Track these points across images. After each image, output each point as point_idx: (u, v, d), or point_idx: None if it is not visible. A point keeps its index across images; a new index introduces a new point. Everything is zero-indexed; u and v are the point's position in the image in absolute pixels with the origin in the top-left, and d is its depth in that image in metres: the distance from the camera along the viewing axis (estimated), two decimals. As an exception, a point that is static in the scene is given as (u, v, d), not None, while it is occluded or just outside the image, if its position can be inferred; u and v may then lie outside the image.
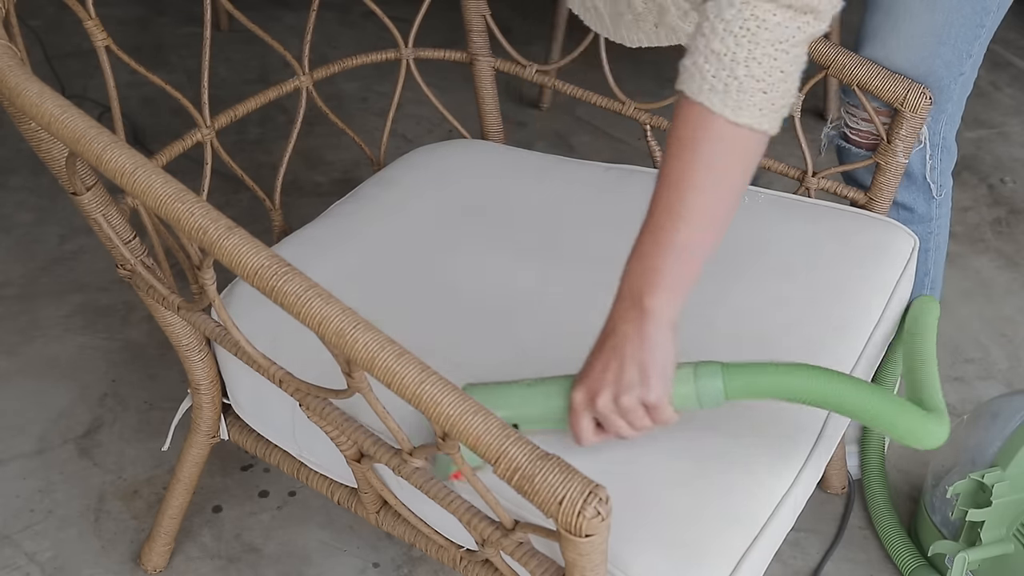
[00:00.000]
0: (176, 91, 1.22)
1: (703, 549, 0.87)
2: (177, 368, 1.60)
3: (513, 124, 2.29)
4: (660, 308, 0.82)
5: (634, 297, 0.83)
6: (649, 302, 0.82)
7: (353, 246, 1.20)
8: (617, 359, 0.83)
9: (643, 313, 0.82)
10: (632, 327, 0.82)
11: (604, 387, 0.83)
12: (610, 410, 0.84)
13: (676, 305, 0.83)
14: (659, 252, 0.82)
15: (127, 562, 1.36)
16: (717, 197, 0.82)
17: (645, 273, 0.83)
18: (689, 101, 0.81)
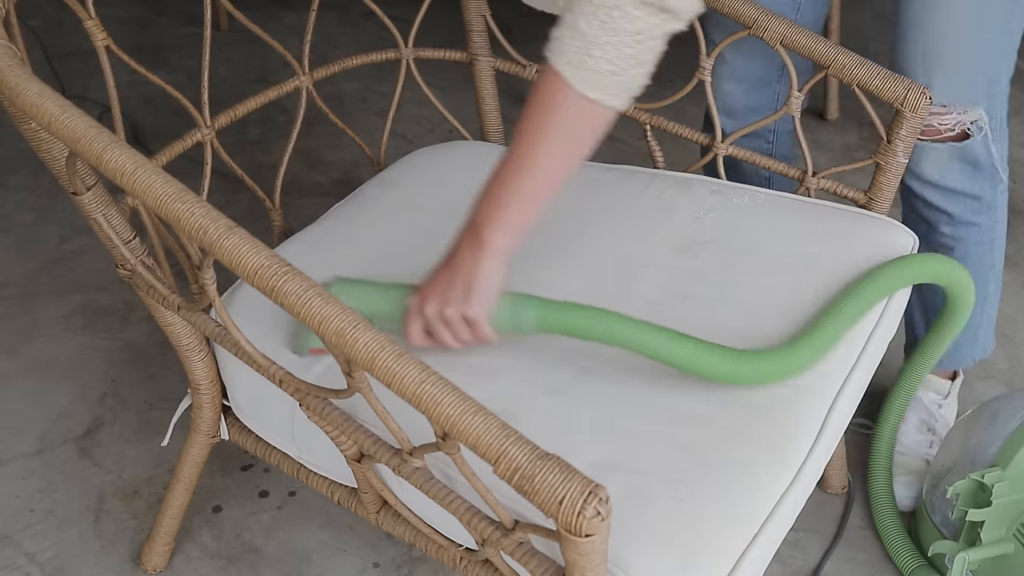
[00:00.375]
0: (176, 91, 1.22)
1: (703, 549, 0.87)
2: (177, 368, 1.60)
3: (513, 124, 2.28)
4: (495, 242, 0.94)
5: (476, 229, 0.95)
6: (487, 236, 0.94)
7: (354, 247, 1.20)
8: (449, 276, 0.96)
9: (480, 243, 0.94)
10: (468, 252, 0.95)
11: (433, 297, 0.96)
12: (435, 318, 0.96)
13: (510, 241, 0.95)
14: (504, 196, 0.95)
15: (127, 562, 1.36)
16: (562, 158, 0.95)
17: (489, 211, 0.95)
18: (551, 68, 0.91)
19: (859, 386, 1.08)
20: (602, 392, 1.00)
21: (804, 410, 1.00)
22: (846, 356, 1.07)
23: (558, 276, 1.15)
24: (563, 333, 0.98)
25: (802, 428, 0.98)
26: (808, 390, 1.01)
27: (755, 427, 0.97)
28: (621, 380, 1.01)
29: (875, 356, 1.12)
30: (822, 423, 1.00)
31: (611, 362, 1.03)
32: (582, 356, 1.04)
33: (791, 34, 1.23)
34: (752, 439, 0.95)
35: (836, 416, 1.02)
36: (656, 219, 1.24)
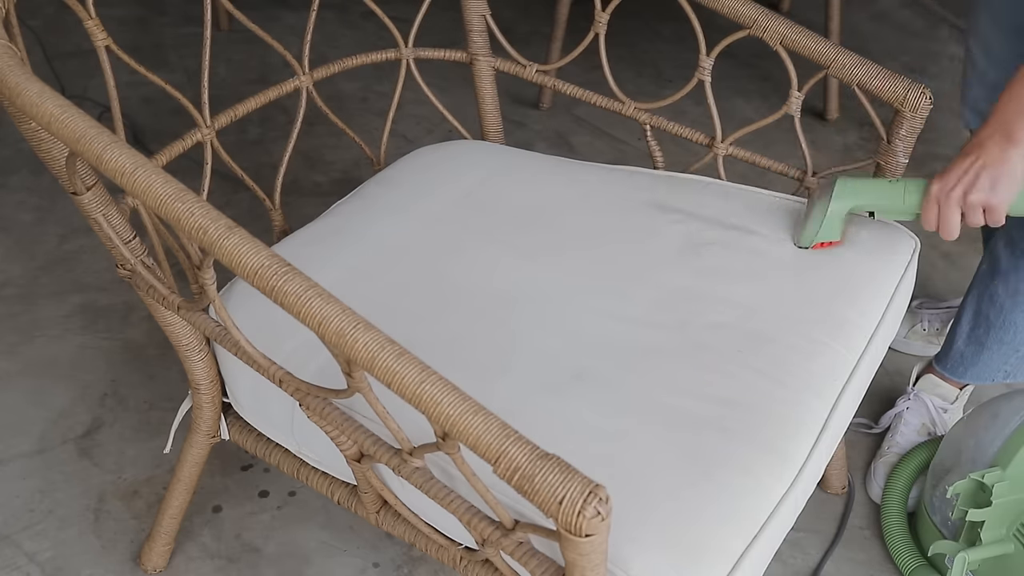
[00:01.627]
0: (176, 91, 1.22)
1: (702, 548, 0.87)
2: (177, 368, 1.60)
3: (513, 124, 2.29)
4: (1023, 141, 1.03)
5: (1005, 126, 1.04)
6: (1019, 134, 1.04)
7: (353, 246, 1.20)
8: (976, 168, 1.05)
9: (1009, 140, 1.04)
10: (997, 148, 1.04)
11: (960, 183, 1.05)
12: (958, 202, 1.06)
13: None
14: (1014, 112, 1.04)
15: (127, 562, 1.36)
16: None
17: (1020, 111, 1.04)
18: None
19: (860, 386, 1.08)
20: (602, 392, 1.00)
21: (804, 410, 1.00)
22: (847, 356, 1.07)
23: (558, 276, 1.15)
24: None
25: (802, 428, 0.98)
26: (808, 390, 1.02)
27: (755, 428, 0.97)
28: (621, 380, 1.01)
29: (876, 357, 1.12)
30: (822, 424, 1.00)
31: (611, 362, 1.03)
32: (582, 356, 1.04)
33: (791, 34, 1.23)
34: (752, 440, 0.95)
35: (837, 417, 1.02)
36: (656, 219, 1.24)
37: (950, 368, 1.53)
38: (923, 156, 2.25)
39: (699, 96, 1.34)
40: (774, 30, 1.23)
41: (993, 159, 1.04)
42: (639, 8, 2.69)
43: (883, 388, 1.66)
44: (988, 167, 1.04)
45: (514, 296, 1.12)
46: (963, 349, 1.49)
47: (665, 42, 2.65)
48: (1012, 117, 1.04)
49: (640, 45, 2.64)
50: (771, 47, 1.25)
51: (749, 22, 1.24)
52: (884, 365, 1.63)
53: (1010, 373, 1.49)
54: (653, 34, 2.69)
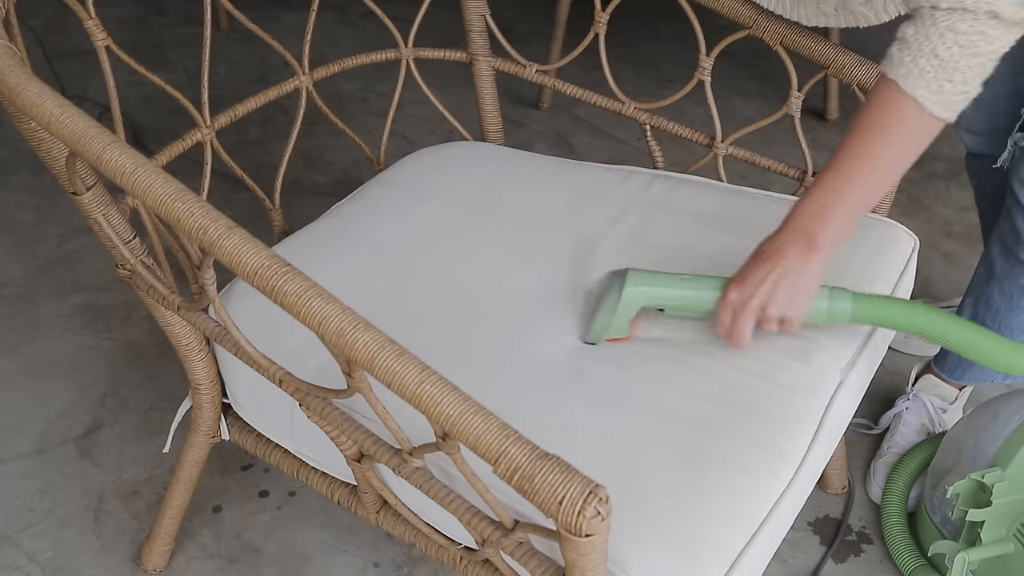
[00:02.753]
0: (176, 91, 1.22)
1: (701, 548, 0.87)
2: (177, 368, 1.60)
3: (513, 124, 2.29)
4: (826, 245, 0.98)
5: (806, 231, 0.98)
6: (821, 239, 0.97)
7: (354, 247, 1.20)
8: (775, 276, 0.98)
9: (811, 246, 0.97)
10: (797, 254, 0.98)
11: (758, 295, 0.98)
12: (754, 313, 0.99)
13: (834, 246, 0.99)
14: (837, 204, 0.97)
15: (127, 562, 1.36)
16: (895, 173, 0.99)
17: (822, 215, 0.97)
18: (900, 92, 0.93)
19: (859, 387, 1.08)
20: (600, 393, 1.00)
21: (803, 410, 1.00)
22: (844, 355, 1.07)
23: (558, 276, 1.15)
24: (876, 324, 1.05)
25: (801, 428, 0.98)
26: (807, 390, 1.01)
27: (754, 427, 0.97)
28: (619, 381, 1.01)
29: (875, 357, 1.12)
30: (819, 422, 1.00)
31: (609, 362, 1.03)
32: (580, 357, 1.04)
33: (791, 34, 1.23)
34: (751, 439, 0.95)
35: (836, 416, 1.02)
36: (656, 220, 1.24)
37: (948, 370, 1.53)
38: (923, 156, 2.25)
39: (699, 96, 1.34)
40: (774, 30, 1.23)
41: (793, 268, 0.98)
42: (639, 8, 2.69)
43: (883, 388, 1.66)
44: (787, 276, 0.98)
45: (514, 296, 1.12)
46: None
47: (665, 42, 2.65)
48: (813, 222, 0.98)
49: (640, 45, 2.64)
50: (771, 47, 1.25)
51: (749, 22, 1.25)
52: (884, 365, 1.63)
53: (1008, 375, 1.49)
54: (653, 34, 2.69)
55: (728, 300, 1.00)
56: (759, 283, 0.98)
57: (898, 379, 1.68)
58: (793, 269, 0.97)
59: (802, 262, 0.97)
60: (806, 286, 0.98)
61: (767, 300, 0.98)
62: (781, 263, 0.98)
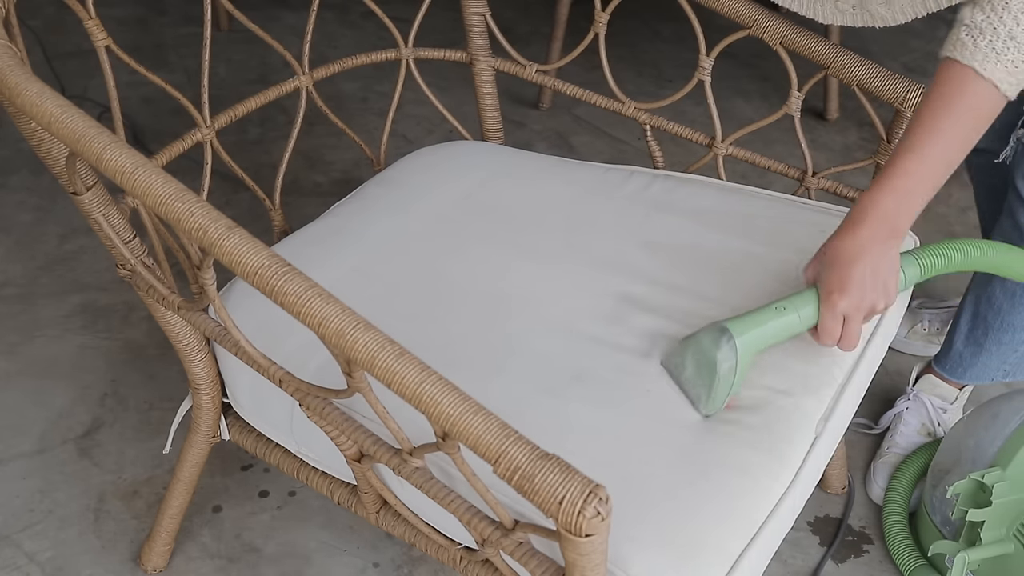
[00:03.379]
0: (176, 91, 1.22)
1: (702, 549, 0.87)
2: (177, 368, 1.60)
3: (513, 124, 2.29)
4: (905, 230, 1.00)
5: (886, 220, 0.98)
6: (901, 225, 0.99)
7: (353, 246, 1.20)
8: (871, 274, 0.98)
9: (894, 235, 0.99)
10: (882, 249, 0.98)
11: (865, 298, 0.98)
12: (863, 315, 0.99)
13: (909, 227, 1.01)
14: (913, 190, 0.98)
15: (127, 562, 1.36)
16: (964, 153, 1.00)
17: (899, 203, 0.98)
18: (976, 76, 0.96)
19: (859, 387, 1.08)
20: (601, 393, 1.00)
21: (803, 411, 1.00)
22: (845, 356, 1.07)
23: (558, 276, 1.15)
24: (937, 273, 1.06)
25: (800, 429, 0.98)
26: (806, 391, 1.01)
27: (754, 429, 0.97)
28: (620, 381, 1.01)
29: (875, 357, 1.12)
30: (820, 424, 1.00)
31: (609, 363, 1.03)
32: (581, 357, 1.04)
33: (791, 34, 1.23)
34: (751, 441, 0.95)
35: (836, 417, 1.02)
36: (656, 220, 1.24)
37: (949, 369, 1.53)
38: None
39: (699, 96, 1.34)
40: (774, 30, 1.23)
41: (883, 260, 0.99)
42: (639, 8, 2.69)
43: (883, 388, 1.66)
44: (880, 270, 0.98)
45: (514, 297, 1.12)
46: (962, 350, 1.49)
47: (665, 42, 2.65)
48: (892, 211, 0.99)
49: (640, 45, 2.64)
50: (771, 47, 1.25)
51: (749, 22, 1.25)
52: (884, 365, 1.63)
53: (1009, 372, 1.49)
54: (653, 34, 2.69)
55: (838, 310, 0.98)
56: (860, 285, 0.98)
57: (898, 379, 1.68)
58: (883, 261, 0.99)
59: (888, 252, 0.99)
60: (895, 272, 1.00)
61: (872, 298, 0.99)
62: (871, 259, 0.98)
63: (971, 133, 0.99)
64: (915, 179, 0.98)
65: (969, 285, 1.47)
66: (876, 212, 0.98)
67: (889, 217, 0.98)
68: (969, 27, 0.96)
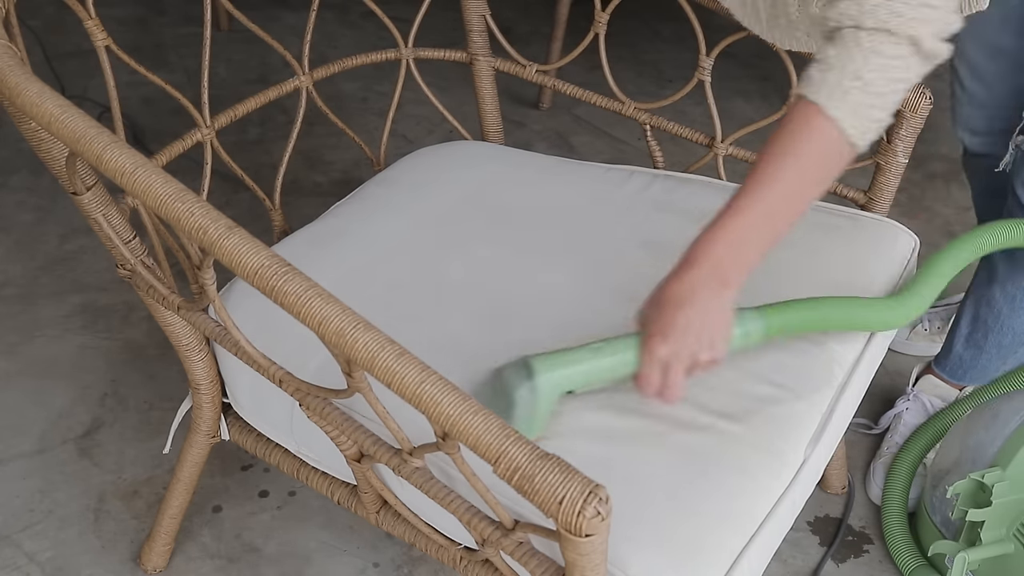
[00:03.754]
0: (176, 91, 1.22)
1: (701, 549, 0.87)
2: (177, 368, 1.60)
3: (513, 124, 2.29)
4: (738, 282, 0.91)
5: (718, 268, 0.90)
6: (734, 277, 0.91)
7: (353, 246, 1.20)
8: (697, 322, 0.90)
9: (725, 285, 0.91)
10: (712, 296, 0.90)
11: (686, 345, 0.90)
12: (684, 364, 0.91)
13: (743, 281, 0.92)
14: (749, 239, 0.91)
15: (127, 562, 1.36)
16: (806, 203, 0.93)
17: (735, 252, 0.91)
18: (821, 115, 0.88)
19: (859, 387, 1.08)
20: (601, 393, 1.00)
21: (802, 411, 1.00)
22: (845, 357, 1.07)
23: (559, 276, 1.15)
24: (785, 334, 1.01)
25: (800, 429, 0.98)
26: (806, 391, 1.01)
27: (753, 428, 0.97)
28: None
29: (876, 356, 1.12)
30: (820, 424, 1.00)
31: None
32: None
33: (791, 34, 1.23)
34: (751, 440, 0.95)
35: (836, 417, 1.02)
36: (656, 220, 1.24)
37: (949, 371, 1.53)
38: (923, 156, 2.25)
39: (699, 96, 1.34)
40: (774, 30, 1.23)
41: (711, 309, 0.90)
42: (639, 8, 2.69)
43: (883, 388, 1.66)
44: (708, 318, 0.90)
45: (514, 296, 1.12)
46: (961, 353, 1.49)
47: (665, 42, 2.65)
48: (725, 260, 0.91)
49: (640, 45, 2.64)
50: (771, 47, 1.25)
51: (749, 22, 1.24)
52: (884, 365, 1.63)
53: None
54: (653, 34, 2.69)
55: (655, 357, 0.91)
56: (683, 332, 0.90)
57: (898, 379, 1.68)
58: (712, 310, 0.90)
59: (718, 301, 0.91)
60: (725, 324, 0.92)
61: (695, 347, 0.90)
62: (699, 306, 0.90)
63: (814, 178, 0.91)
64: (750, 224, 0.91)
65: (969, 287, 1.47)
66: (707, 258, 0.91)
67: (721, 265, 0.90)
68: (820, 62, 0.89)
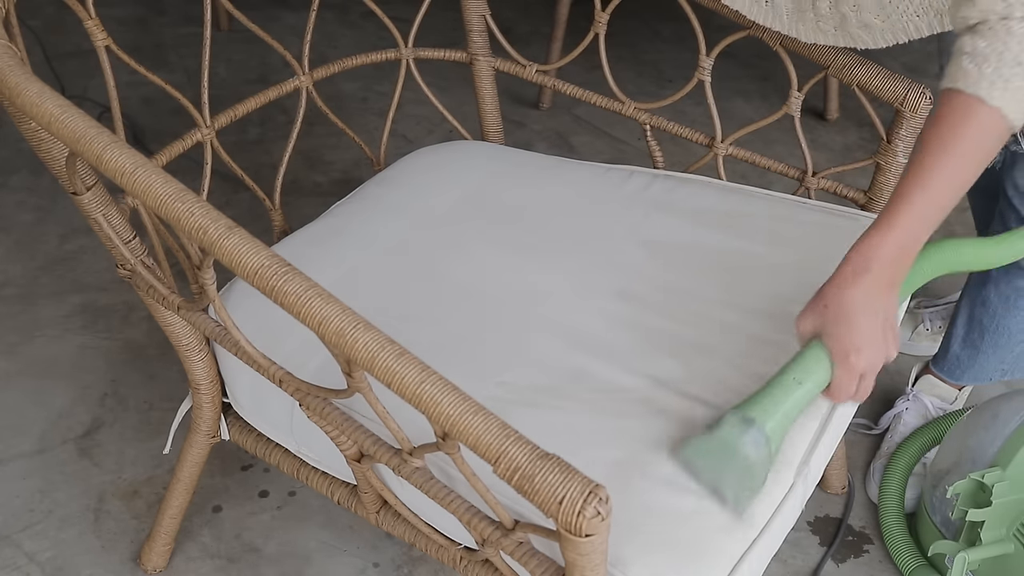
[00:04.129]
0: (176, 91, 1.22)
1: (702, 549, 0.87)
2: (177, 368, 1.60)
3: (513, 124, 2.29)
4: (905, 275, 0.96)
5: (890, 271, 0.93)
6: (902, 276, 0.95)
7: (353, 246, 1.20)
8: (882, 330, 0.94)
9: (895, 286, 0.95)
10: (888, 300, 0.94)
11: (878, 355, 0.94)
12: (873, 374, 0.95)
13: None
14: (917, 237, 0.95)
15: (127, 562, 1.36)
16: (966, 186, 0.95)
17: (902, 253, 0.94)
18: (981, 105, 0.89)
19: (859, 386, 1.08)
20: (601, 393, 1.00)
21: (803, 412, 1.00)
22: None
23: (558, 276, 1.15)
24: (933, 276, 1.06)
25: (802, 429, 0.98)
26: (808, 390, 1.01)
27: (755, 427, 0.97)
28: (619, 381, 1.01)
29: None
30: (822, 425, 1.00)
31: (609, 363, 1.03)
32: (581, 356, 1.04)
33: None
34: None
35: (836, 418, 1.02)
36: (656, 220, 1.24)
37: (947, 371, 1.53)
38: (923, 156, 2.25)
39: (699, 96, 1.34)
40: (774, 30, 1.23)
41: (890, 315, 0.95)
42: (639, 8, 2.69)
43: (883, 388, 1.66)
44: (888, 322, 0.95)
45: (514, 296, 1.12)
46: (959, 353, 1.49)
47: (665, 42, 2.65)
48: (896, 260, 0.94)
49: (640, 45, 2.64)
50: (771, 47, 1.25)
51: (749, 22, 1.24)
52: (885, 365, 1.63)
53: (1007, 371, 1.49)
54: (653, 34, 2.69)
55: (857, 370, 0.94)
56: (875, 341, 0.93)
57: (898, 379, 1.68)
58: (890, 314, 0.95)
59: (893, 299, 0.95)
60: (897, 323, 0.97)
61: (888, 351, 0.95)
62: (881, 313, 0.94)
63: (975, 167, 0.93)
64: (919, 220, 0.94)
65: (963, 289, 1.47)
66: (878, 261, 0.93)
67: (892, 267, 0.93)
68: (971, 55, 0.89)
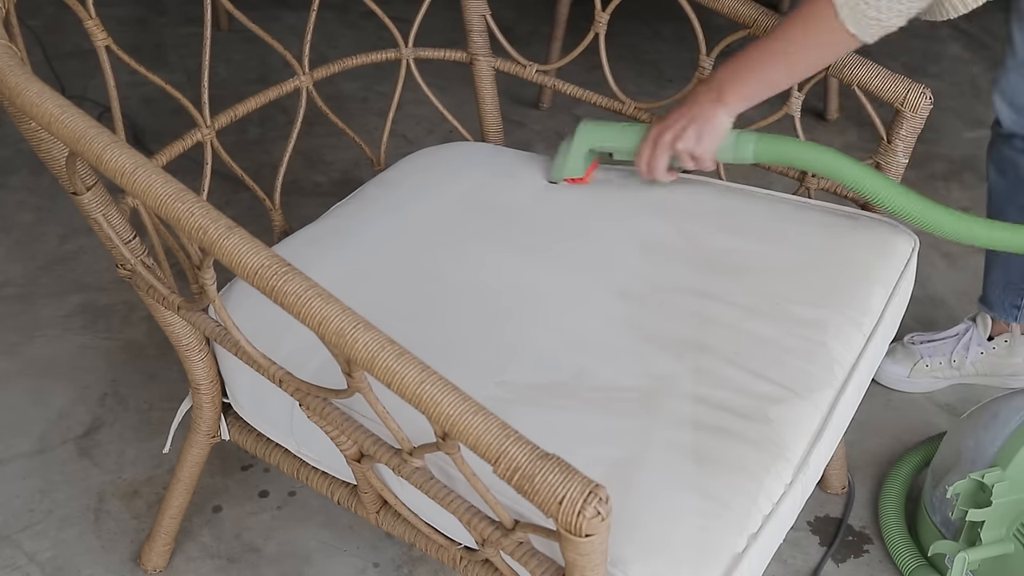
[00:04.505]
0: (176, 91, 1.22)
1: (702, 549, 0.87)
2: (177, 368, 1.60)
3: (513, 124, 2.29)
4: (730, 103, 1.15)
5: (719, 88, 1.15)
6: (728, 96, 1.15)
7: (353, 247, 1.20)
8: (686, 119, 1.17)
9: (720, 100, 1.15)
10: (708, 104, 1.16)
11: (669, 130, 1.18)
12: (666, 148, 1.18)
13: (739, 105, 1.16)
14: (747, 73, 1.15)
15: (127, 562, 1.36)
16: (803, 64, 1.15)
17: (734, 79, 1.15)
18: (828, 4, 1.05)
19: (859, 386, 1.08)
20: (601, 392, 1.00)
21: (803, 411, 1.00)
22: (845, 356, 1.07)
23: (558, 276, 1.15)
24: (777, 163, 1.21)
25: (800, 429, 0.98)
26: (807, 391, 1.01)
27: (754, 428, 0.97)
28: (619, 381, 1.01)
29: (875, 356, 1.12)
30: (821, 424, 1.00)
31: (609, 362, 1.03)
32: (580, 356, 1.04)
33: (791, 34, 1.23)
34: (752, 440, 0.95)
35: (836, 417, 1.02)
36: (655, 219, 1.24)
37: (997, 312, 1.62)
38: (923, 156, 2.26)
39: (699, 96, 1.34)
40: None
41: (702, 114, 1.15)
42: (639, 8, 2.69)
43: (883, 388, 1.66)
44: (697, 120, 1.15)
45: (514, 296, 1.12)
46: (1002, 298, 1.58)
47: (665, 42, 2.66)
48: (726, 80, 1.14)
49: (640, 45, 2.64)
50: (771, 47, 1.25)
51: (749, 22, 1.25)
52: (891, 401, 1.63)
53: None
54: (653, 34, 2.70)
55: (649, 136, 1.19)
56: (674, 123, 1.17)
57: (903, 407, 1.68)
58: (702, 114, 1.15)
59: (711, 110, 1.15)
60: (713, 129, 1.16)
61: (679, 136, 1.16)
62: (694, 109, 1.16)
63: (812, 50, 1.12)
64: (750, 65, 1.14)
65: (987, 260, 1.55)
66: (710, 80, 1.16)
67: (720, 85, 1.14)
68: None
